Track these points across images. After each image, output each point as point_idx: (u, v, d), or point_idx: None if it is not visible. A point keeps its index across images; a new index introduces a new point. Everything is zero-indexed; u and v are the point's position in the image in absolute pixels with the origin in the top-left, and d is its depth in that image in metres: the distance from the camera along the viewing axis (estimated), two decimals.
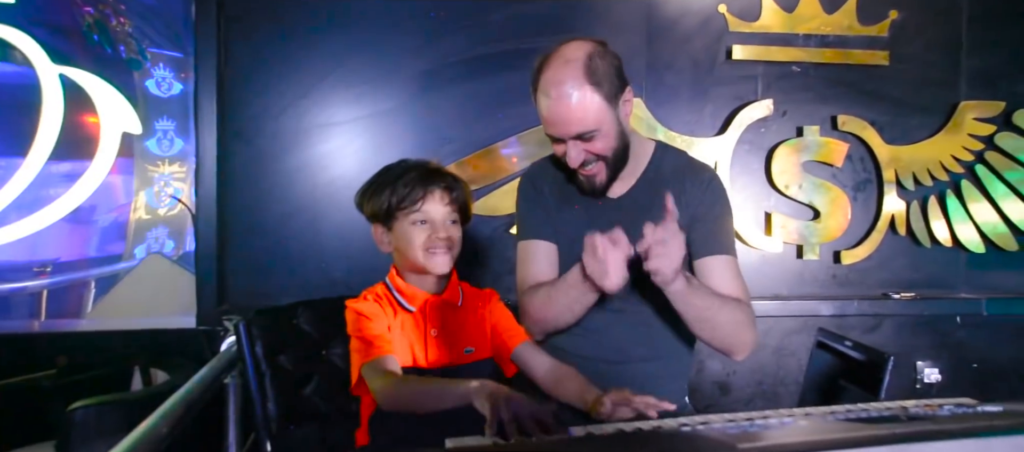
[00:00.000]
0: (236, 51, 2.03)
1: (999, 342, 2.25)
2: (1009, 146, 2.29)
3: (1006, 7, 2.32)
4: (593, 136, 1.30)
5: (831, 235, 2.25)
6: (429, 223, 1.22)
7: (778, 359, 2.25)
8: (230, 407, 1.63)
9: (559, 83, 1.28)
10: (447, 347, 1.22)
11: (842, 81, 2.28)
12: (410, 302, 1.23)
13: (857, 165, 2.29)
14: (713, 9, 2.23)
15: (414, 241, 1.21)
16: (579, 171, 1.35)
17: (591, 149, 1.31)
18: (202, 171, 1.99)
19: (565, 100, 1.27)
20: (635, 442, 0.80)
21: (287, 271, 2.04)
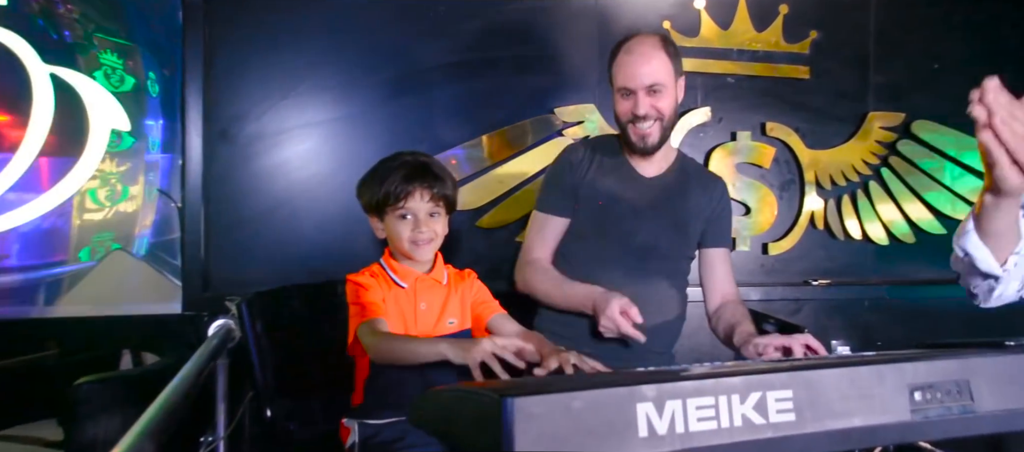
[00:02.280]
0: (221, 54, 2.15)
1: (899, 322, 2.57)
2: (909, 152, 2.61)
3: (906, 30, 2.64)
4: (660, 90, 1.58)
5: (760, 229, 2.53)
6: (413, 218, 1.39)
7: (713, 340, 2.50)
8: (219, 387, 1.77)
9: (642, 42, 1.59)
10: (433, 319, 1.41)
11: (770, 92, 2.55)
12: (403, 279, 1.41)
13: (782, 167, 2.57)
14: (658, 25, 2.47)
15: (400, 234, 1.39)
16: (635, 129, 1.60)
17: (655, 103, 1.58)
18: (188, 167, 2.10)
19: (645, 55, 1.57)
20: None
21: (268, 262, 2.17)
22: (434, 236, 1.41)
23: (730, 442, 0.76)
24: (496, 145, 2.34)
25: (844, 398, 0.81)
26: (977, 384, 0.89)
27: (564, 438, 0.71)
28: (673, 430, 0.74)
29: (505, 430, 0.69)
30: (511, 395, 0.70)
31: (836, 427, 0.80)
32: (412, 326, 1.39)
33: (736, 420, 0.77)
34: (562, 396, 0.71)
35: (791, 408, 0.79)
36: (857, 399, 0.82)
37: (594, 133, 2.38)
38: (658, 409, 0.74)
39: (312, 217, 2.20)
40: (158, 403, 1.27)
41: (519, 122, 2.36)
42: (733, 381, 0.78)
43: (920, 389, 0.86)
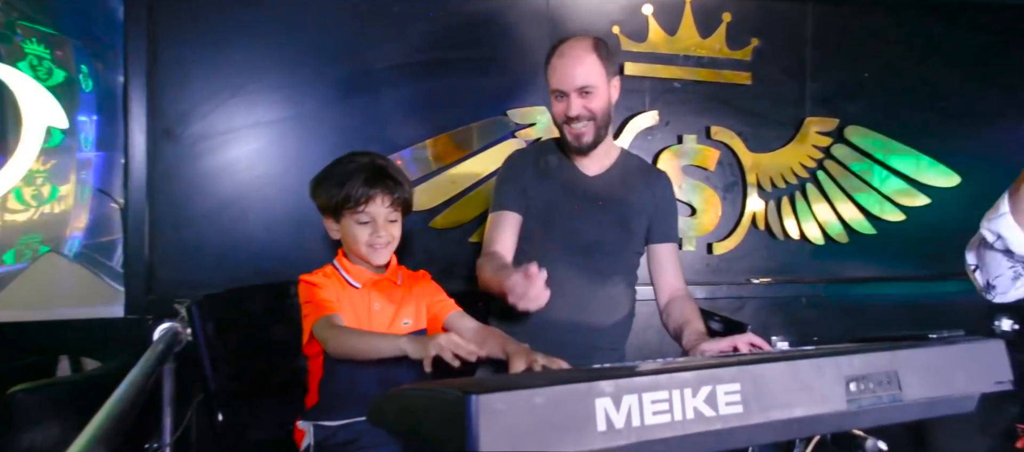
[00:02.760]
0: (166, 51, 2.09)
1: (834, 318, 2.68)
2: (842, 156, 2.74)
3: (839, 40, 2.75)
4: (591, 92, 1.62)
5: (705, 229, 2.61)
6: (372, 222, 1.39)
7: (661, 337, 2.56)
8: (165, 391, 1.73)
9: (573, 46, 1.63)
10: (388, 319, 1.41)
11: (714, 97, 2.64)
12: (356, 280, 1.41)
13: (726, 169, 2.66)
14: (608, 29, 2.52)
15: (359, 238, 1.39)
16: (569, 129, 1.65)
17: (588, 104, 1.63)
18: (131, 166, 2.04)
19: (575, 57, 1.61)
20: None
21: (215, 263, 2.13)
22: (392, 239, 1.42)
23: (683, 434, 0.80)
24: (448, 146, 2.35)
25: (787, 390, 0.86)
26: (905, 375, 0.96)
27: (526, 433, 0.73)
28: (630, 423, 0.78)
29: (470, 427, 0.71)
30: (475, 392, 0.72)
31: (780, 418, 0.85)
32: (366, 327, 1.39)
33: (688, 413, 0.81)
34: (524, 393, 0.73)
35: (739, 400, 0.83)
36: (799, 391, 0.87)
37: (546, 135, 2.42)
38: (615, 404, 0.77)
39: (261, 218, 2.17)
40: (107, 409, 1.24)
41: (472, 124, 2.37)
42: (685, 376, 0.82)
43: (855, 380, 0.92)
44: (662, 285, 1.78)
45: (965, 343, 1.04)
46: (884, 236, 2.79)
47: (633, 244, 1.77)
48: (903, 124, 2.79)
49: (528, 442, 0.73)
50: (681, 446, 0.82)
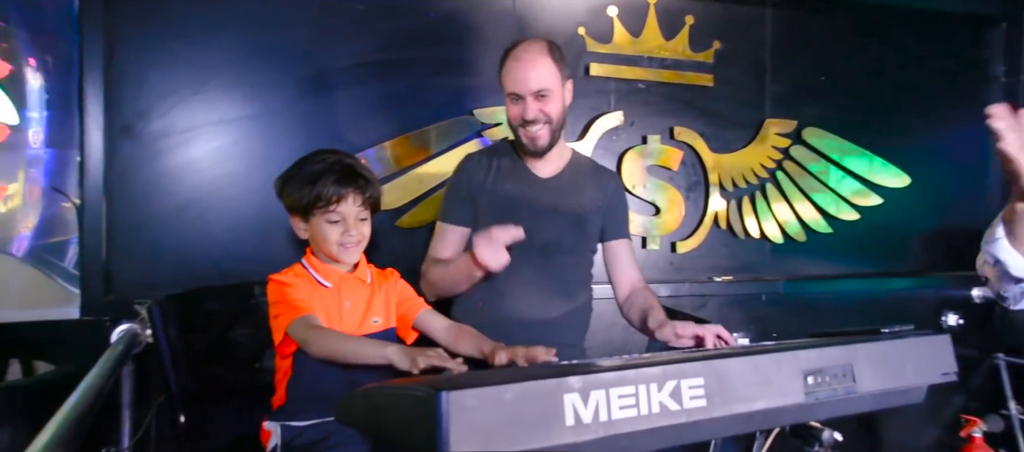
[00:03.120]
0: (123, 47, 2.04)
1: (792, 315, 2.75)
2: (800, 156, 2.81)
3: (798, 44, 2.83)
4: (547, 95, 1.64)
5: (669, 228, 2.66)
6: (343, 222, 1.39)
7: (626, 335, 2.60)
8: (124, 394, 1.69)
9: (528, 49, 1.65)
10: (358, 318, 1.41)
11: (678, 98, 2.68)
12: (326, 279, 1.41)
13: (689, 169, 2.70)
14: (573, 30, 2.55)
15: (329, 237, 1.39)
16: (525, 132, 1.66)
17: (543, 108, 1.64)
18: (88, 164, 1.98)
19: (531, 60, 1.63)
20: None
21: (176, 263, 2.08)
22: (362, 238, 1.42)
23: (649, 428, 0.82)
24: (414, 146, 2.34)
25: (748, 384, 0.89)
26: (859, 368, 1.00)
27: (496, 429, 0.74)
28: (597, 418, 0.79)
29: (440, 423, 0.71)
30: (445, 389, 0.73)
31: (742, 411, 0.88)
32: (337, 326, 1.38)
33: (654, 407, 0.83)
34: (495, 389, 0.75)
35: (703, 394, 0.86)
36: (760, 385, 0.90)
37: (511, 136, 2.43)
38: (583, 399, 0.79)
39: (223, 217, 2.13)
40: (64, 412, 1.20)
41: (438, 123, 2.37)
42: (651, 371, 0.84)
43: (812, 374, 0.96)
44: (620, 280, 1.82)
45: (914, 337, 1.09)
46: (840, 235, 2.87)
47: (588, 243, 1.81)
48: (858, 126, 2.88)
49: (498, 438, 0.74)
50: (647, 440, 0.84)
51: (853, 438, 1.16)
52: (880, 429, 2.73)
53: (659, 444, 0.86)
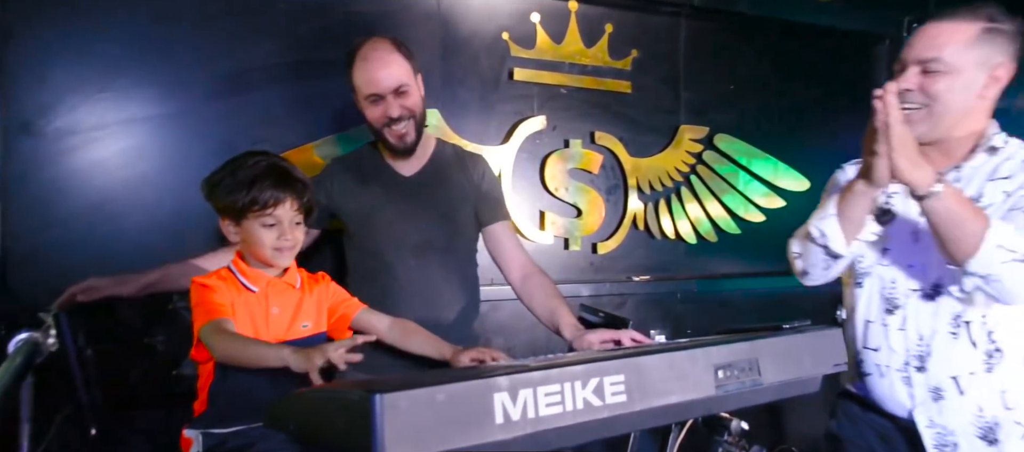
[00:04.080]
0: (21, 41, 1.92)
1: (705, 312, 2.90)
2: (711, 161, 2.96)
3: (710, 54, 2.98)
4: (407, 90, 1.62)
5: (590, 230, 2.74)
6: (278, 226, 1.38)
7: (549, 334, 2.67)
8: (23, 408, 1.60)
9: (376, 47, 1.61)
10: (285, 323, 1.40)
11: (598, 103, 2.77)
12: (253, 283, 1.39)
13: (609, 173, 2.79)
14: (498, 35, 2.59)
15: (264, 241, 1.37)
16: (391, 131, 1.63)
17: (405, 104, 1.62)
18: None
19: (383, 58, 1.60)
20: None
21: (84, 269, 1.92)
22: (296, 243, 1.41)
23: (574, 423, 0.87)
24: (337, 148, 2.32)
25: (664, 379, 0.96)
26: (764, 361, 1.09)
27: (429, 430, 0.77)
28: (525, 415, 0.84)
29: (375, 426, 0.73)
30: (379, 391, 0.75)
31: (659, 404, 0.95)
32: (263, 331, 1.36)
33: (578, 403, 0.88)
34: (427, 391, 0.77)
35: (623, 390, 0.91)
36: (675, 379, 0.97)
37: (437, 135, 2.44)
38: (512, 397, 0.83)
39: (136, 220, 2.04)
40: None
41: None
42: (575, 369, 0.89)
43: (722, 368, 1.03)
44: (507, 262, 1.79)
45: (811, 332, 1.19)
46: (747, 235, 3.05)
47: (463, 234, 1.79)
48: (763, 133, 3.06)
49: (431, 438, 0.77)
50: (572, 434, 0.89)
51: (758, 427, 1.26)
52: (780, 417, 2.92)
53: (583, 438, 0.91)
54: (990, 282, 1.22)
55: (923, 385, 1.38)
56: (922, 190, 1.20)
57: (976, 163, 1.38)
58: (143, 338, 1.54)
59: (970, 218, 1.21)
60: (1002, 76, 1.36)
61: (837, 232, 1.37)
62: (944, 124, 1.36)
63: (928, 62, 1.34)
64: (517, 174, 2.62)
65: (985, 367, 1.34)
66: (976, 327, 1.34)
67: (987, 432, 1.35)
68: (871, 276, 1.47)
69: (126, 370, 1.49)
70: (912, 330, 1.40)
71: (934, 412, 1.37)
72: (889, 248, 1.45)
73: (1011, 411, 1.35)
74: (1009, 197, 1.31)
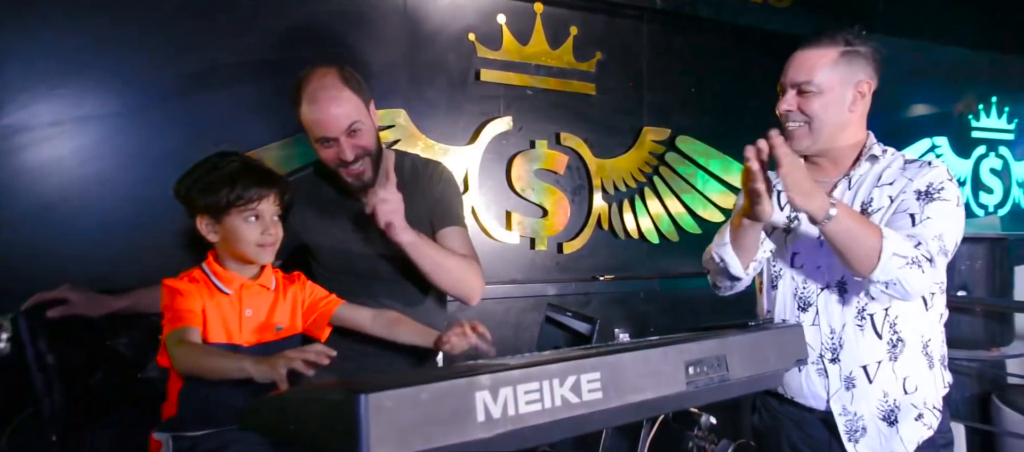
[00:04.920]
0: None
1: (668, 310, 2.96)
2: (673, 162, 3.02)
3: (671, 58, 3.04)
4: (359, 129, 1.52)
5: (556, 230, 2.77)
6: (261, 221, 1.37)
7: (516, 333, 2.70)
8: None
9: (324, 87, 1.50)
10: (260, 325, 1.38)
11: (563, 105, 2.80)
12: (227, 285, 1.37)
13: (574, 173, 2.83)
14: (464, 35, 2.60)
15: (247, 238, 1.36)
16: (347, 172, 1.55)
17: (359, 143, 1.53)
18: None
19: (332, 99, 1.50)
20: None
21: (40, 270, 1.90)
22: (277, 239, 1.40)
23: (552, 420, 0.89)
24: (304, 147, 2.29)
25: (639, 376, 0.98)
26: (731, 358, 1.12)
27: (412, 428, 0.78)
28: (506, 413, 0.85)
29: (360, 426, 0.74)
30: (364, 391, 0.75)
31: (633, 400, 0.97)
32: (236, 334, 1.35)
33: (557, 400, 0.90)
34: (411, 390, 0.78)
35: (599, 387, 0.93)
36: (648, 376, 0.99)
37: (404, 138, 2.45)
38: (493, 396, 0.84)
39: (95, 220, 1.98)
40: None
41: None
42: (554, 367, 0.91)
43: (692, 364, 1.06)
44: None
45: (775, 328, 1.24)
46: (707, 235, 3.11)
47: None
48: (722, 135, 3.13)
49: (414, 437, 0.78)
50: (550, 431, 0.90)
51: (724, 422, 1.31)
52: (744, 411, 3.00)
53: (561, 434, 0.93)
54: (891, 286, 1.34)
55: (837, 375, 1.51)
56: (820, 216, 1.31)
57: (862, 171, 1.53)
58: (106, 341, 1.50)
59: (865, 233, 1.33)
60: (866, 91, 1.53)
61: (734, 259, 1.53)
62: (823, 137, 1.53)
63: (802, 85, 1.53)
64: (484, 174, 2.63)
65: (889, 356, 1.47)
66: (879, 319, 1.47)
67: (888, 415, 1.48)
68: (784, 279, 1.61)
69: (89, 374, 1.45)
70: (824, 324, 1.52)
71: (847, 400, 1.50)
72: (798, 252, 1.59)
73: (909, 395, 1.48)
74: (893, 201, 1.46)
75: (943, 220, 1.39)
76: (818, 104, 1.51)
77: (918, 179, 1.45)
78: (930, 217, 1.39)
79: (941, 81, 4.19)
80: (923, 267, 1.33)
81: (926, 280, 1.35)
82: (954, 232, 1.41)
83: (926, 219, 1.39)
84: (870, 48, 1.55)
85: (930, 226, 1.38)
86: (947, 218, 1.40)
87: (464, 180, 2.57)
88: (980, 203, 4.40)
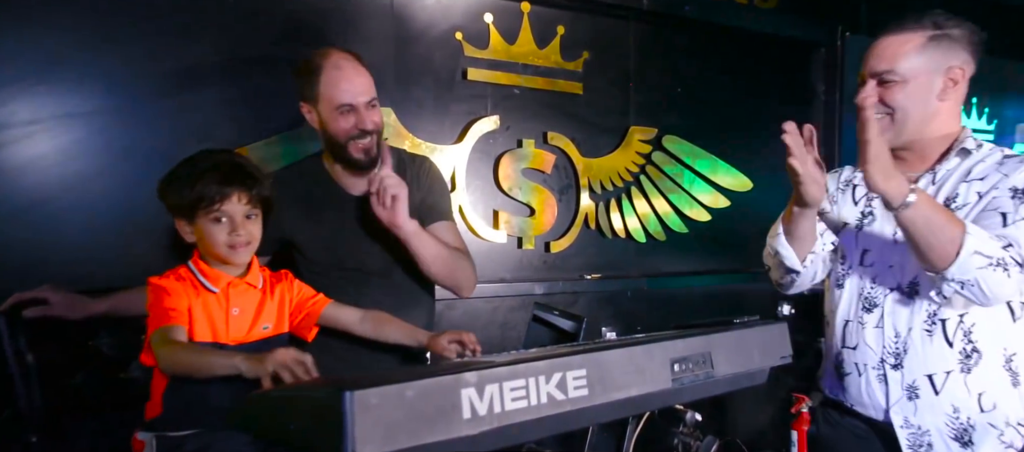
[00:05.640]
0: None
1: (655, 309, 2.98)
2: (660, 161, 3.04)
3: (658, 57, 3.06)
4: (375, 105, 1.60)
5: (543, 229, 2.77)
6: (229, 221, 1.35)
7: (503, 332, 2.70)
8: None
9: (348, 59, 1.57)
10: (247, 324, 1.37)
11: (550, 104, 2.80)
12: (214, 283, 1.36)
13: (561, 172, 2.83)
14: (451, 33, 2.59)
15: (216, 239, 1.34)
16: (356, 145, 1.60)
17: (374, 118, 1.60)
18: None
19: (357, 69, 1.57)
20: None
21: (22, 270, 1.87)
22: (252, 239, 1.37)
23: (538, 417, 0.90)
24: (290, 146, 2.28)
25: (624, 373, 0.99)
26: (716, 355, 1.13)
27: (399, 425, 0.78)
28: (492, 410, 0.85)
29: (346, 423, 0.74)
30: (350, 389, 0.75)
31: (619, 397, 0.98)
32: (223, 333, 1.34)
33: (542, 398, 0.90)
34: (397, 387, 0.78)
35: (585, 384, 0.94)
36: (634, 373, 1.00)
37: (391, 137, 2.44)
38: (479, 393, 0.85)
39: (78, 219, 1.96)
40: None
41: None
42: (540, 364, 0.91)
43: (678, 362, 1.07)
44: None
45: (760, 326, 1.25)
46: (694, 234, 3.14)
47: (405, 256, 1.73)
48: (709, 135, 3.16)
49: (400, 434, 0.78)
50: (536, 428, 0.91)
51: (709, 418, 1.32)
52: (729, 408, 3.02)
53: (546, 431, 0.93)
54: (967, 287, 1.23)
55: (898, 383, 1.39)
56: (897, 201, 1.21)
57: (950, 165, 1.41)
58: (88, 340, 1.49)
59: (946, 225, 1.22)
60: (958, 77, 1.40)
61: (789, 251, 1.45)
62: (908, 129, 1.40)
63: (883, 74, 1.39)
64: (471, 173, 2.63)
65: (961, 367, 1.35)
66: (952, 326, 1.35)
67: (961, 434, 1.35)
68: (851, 278, 1.50)
69: (71, 374, 1.43)
70: (888, 327, 1.41)
71: (909, 411, 1.38)
72: (869, 250, 1.48)
73: (986, 413, 1.34)
74: (982, 198, 1.34)
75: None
76: (902, 94, 1.37)
77: (1015, 176, 1.32)
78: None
79: None
80: (1010, 271, 1.20)
81: (1011, 286, 1.22)
82: None
83: (1020, 219, 1.26)
84: (965, 30, 1.41)
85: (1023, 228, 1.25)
86: None
87: (451, 179, 2.56)
88: None
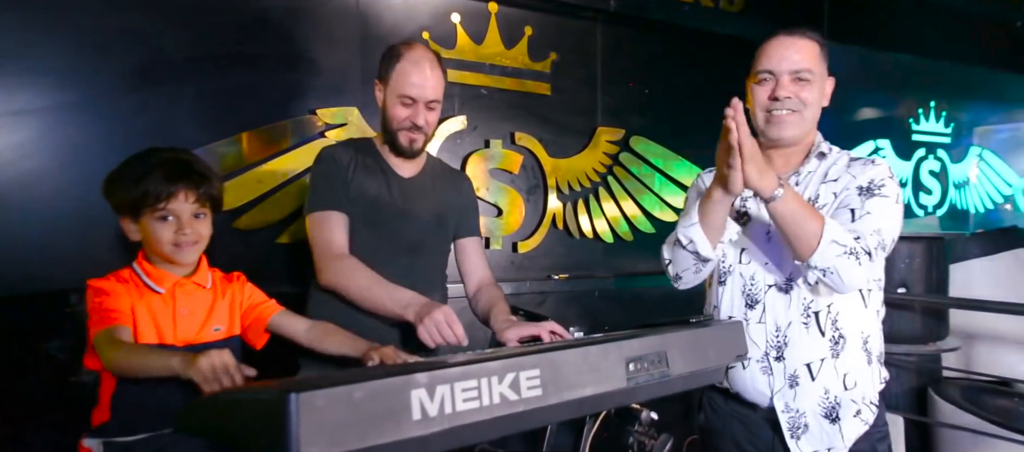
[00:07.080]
0: None
1: (622, 308, 3.00)
2: (627, 162, 3.07)
3: (625, 59, 3.08)
4: (435, 107, 1.70)
5: (511, 229, 2.78)
6: (175, 220, 1.32)
7: (470, 332, 2.66)
8: None
9: (427, 55, 1.67)
10: (196, 326, 1.35)
11: (518, 105, 2.81)
12: (159, 284, 1.33)
13: (529, 173, 2.85)
14: (417, 33, 2.58)
15: (162, 237, 1.31)
16: (406, 135, 1.69)
17: (429, 119, 1.69)
18: None
19: (430, 68, 1.66)
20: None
21: None
22: (199, 238, 1.35)
23: (490, 417, 0.89)
24: (254, 145, 2.25)
25: (578, 372, 0.99)
26: (672, 354, 1.14)
27: (346, 428, 0.77)
28: (442, 411, 0.85)
29: (290, 424, 0.73)
30: (294, 390, 0.74)
31: (573, 397, 0.98)
32: (169, 334, 1.31)
33: (495, 398, 0.90)
34: (344, 388, 0.78)
35: (538, 384, 0.94)
36: (588, 373, 1.00)
37: (357, 135, 2.41)
38: (430, 394, 0.84)
39: (33, 219, 1.91)
40: None
41: (278, 122, 2.30)
42: (492, 365, 0.91)
43: (633, 361, 1.08)
44: (470, 275, 1.89)
45: (716, 325, 1.26)
46: (662, 234, 3.11)
47: (446, 242, 1.88)
48: (675, 136, 3.19)
49: (347, 436, 0.77)
50: (489, 429, 0.91)
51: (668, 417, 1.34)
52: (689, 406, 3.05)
53: (500, 432, 0.93)
54: (828, 275, 1.36)
55: (781, 373, 1.51)
56: (768, 194, 1.32)
57: (810, 168, 1.55)
58: (38, 343, 1.45)
59: (809, 218, 1.34)
60: (829, 90, 1.55)
61: (702, 237, 1.50)
62: (806, 127, 1.53)
63: (802, 72, 1.50)
64: None
65: (832, 353, 1.49)
66: (823, 317, 1.48)
67: (830, 412, 1.49)
68: (733, 275, 1.61)
69: (18, 378, 1.39)
70: (770, 322, 1.52)
71: (790, 397, 1.51)
72: (747, 248, 1.59)
73: (849, 391, 1.49)
74: (837, 197, 1.48)
75: (882, 216, 1.42)
76: (810, 93, 1.51)
77: (861, 176, 1.47)
78: (870, 212, 1.42)
79: (884, 86, 4.35)
80: (860, 260, 1.35)
81: (862, 273, 1.36)
82: (892, 228, 1.43)
83: (866, 214, 1.41)
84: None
85: (869, 221, 1.40)
86: (886, 214, 1.42)
87: None
88: (920, 203, 4.57)
